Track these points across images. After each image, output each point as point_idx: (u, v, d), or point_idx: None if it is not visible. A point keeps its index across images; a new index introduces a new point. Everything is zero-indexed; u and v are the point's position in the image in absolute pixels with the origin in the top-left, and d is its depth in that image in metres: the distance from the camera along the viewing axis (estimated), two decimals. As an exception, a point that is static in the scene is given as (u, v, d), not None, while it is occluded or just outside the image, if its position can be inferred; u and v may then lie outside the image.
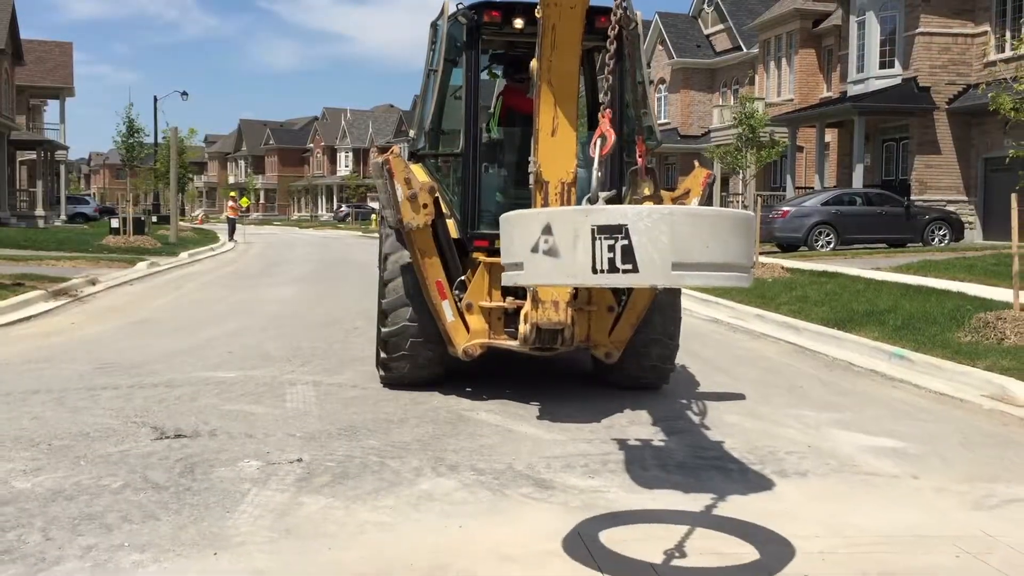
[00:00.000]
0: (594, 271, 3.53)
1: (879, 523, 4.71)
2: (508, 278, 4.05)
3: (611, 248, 3.47)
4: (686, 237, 3.48)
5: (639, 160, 6.87)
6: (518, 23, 7.28)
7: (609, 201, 7.24)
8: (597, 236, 3.50)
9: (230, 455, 5.69)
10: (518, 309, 7.05)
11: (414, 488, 5.14)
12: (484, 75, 8.65)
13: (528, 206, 6.47)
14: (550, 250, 3.64)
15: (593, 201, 4.03)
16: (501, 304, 7.25)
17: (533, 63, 6.43)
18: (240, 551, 4.19)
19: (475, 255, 7.36)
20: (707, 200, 7.59)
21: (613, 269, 3.49)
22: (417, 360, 7.49)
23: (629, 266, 3.47)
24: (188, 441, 6.00)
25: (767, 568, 4.12)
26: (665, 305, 7.55)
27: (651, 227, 3.45)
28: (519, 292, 7.06)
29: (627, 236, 3.46)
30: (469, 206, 7.43)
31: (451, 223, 7.47)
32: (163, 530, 4.41)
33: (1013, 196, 10.10)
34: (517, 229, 3.89)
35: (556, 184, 6.40)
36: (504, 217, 4.08)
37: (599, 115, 4.53)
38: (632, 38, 7.39)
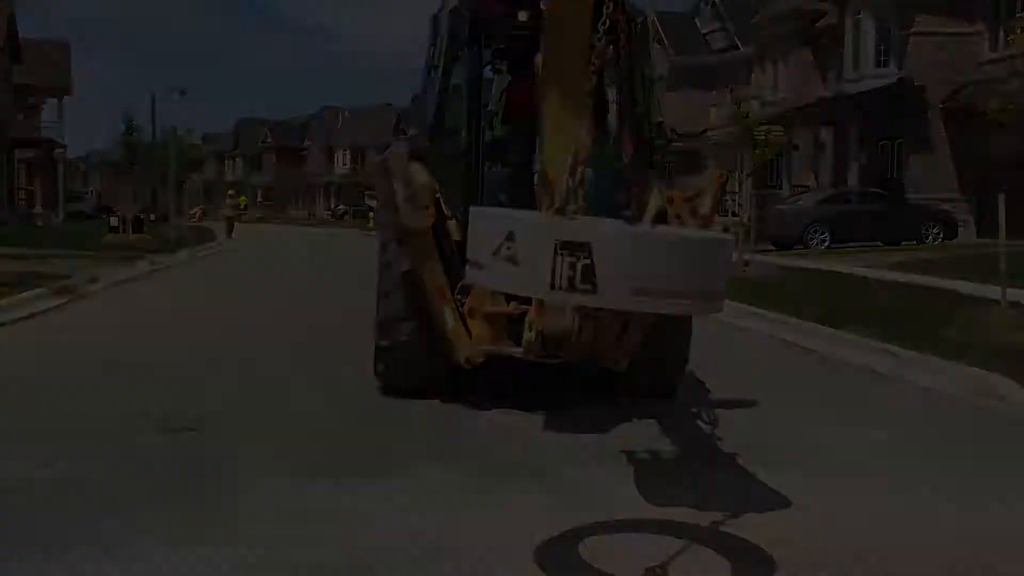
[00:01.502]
0: (552, 287, 3.40)
1: (863, 514, 4.86)
2: (469, 275, 3.93)
3: (572, 266, 3.35)
4: (652, 262, 3.36)
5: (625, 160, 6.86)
6: (522, 16, 6.97)
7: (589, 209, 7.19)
8: (560, 252, 3.36)
9: (235, 447, 5.85)
10: (522, 315, 6.72)
11: (414, 479, 5.29)
12: (487, 71, 8.44)
13: (533, 206, 6.37)
14: (511, 257, 3.51)
15: (561, 212, 3.97)
16: (505, 309, 6.91)
17: (538, 58, 6.32)
18: (247, 538, 4.34)
19: None
20: (718, 202, 7.36)
21: (571, 288, 3.37)
22: (418, 347, 7.07)
23: (588, 286, 3.35)
24: (194, 434, 6.16)
25: (755, 557, 4.28)
26: None
27: (616, 249, 3.35)
28: (524, 297, 6.85)
29: (590, 255, 3.33)
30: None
31: (453, 224, 7.14)
32: (172, 518, 4.56)
33: (1000, 196, 10.27)
34: (483, 228, 3.77)
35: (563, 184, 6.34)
36: (473, 211, 3.94)
37: None
38: (640, 34, 7.22)
